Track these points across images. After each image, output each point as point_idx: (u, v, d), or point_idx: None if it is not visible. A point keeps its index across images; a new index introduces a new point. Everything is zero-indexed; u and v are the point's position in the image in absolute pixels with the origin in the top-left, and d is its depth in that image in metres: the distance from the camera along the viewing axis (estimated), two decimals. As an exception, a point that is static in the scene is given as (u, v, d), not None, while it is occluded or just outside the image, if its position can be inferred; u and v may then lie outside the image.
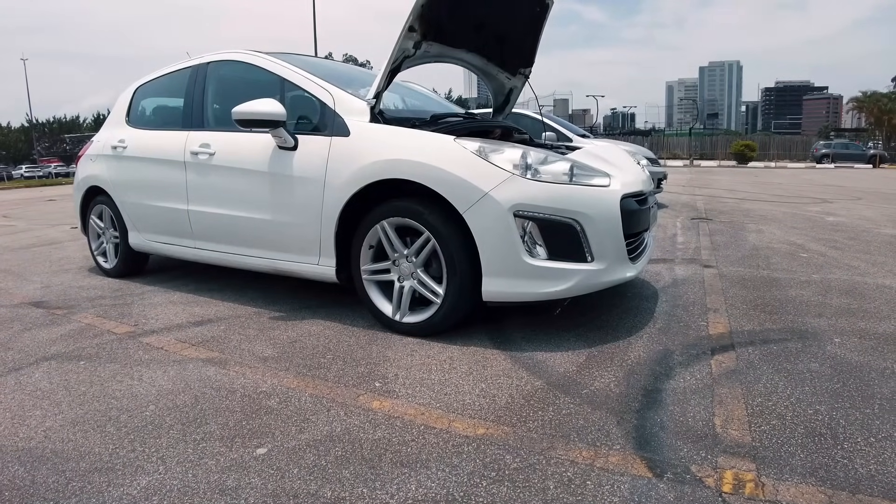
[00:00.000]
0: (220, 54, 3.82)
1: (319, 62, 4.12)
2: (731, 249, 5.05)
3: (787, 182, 16.06)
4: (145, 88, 4.47)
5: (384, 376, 2.32)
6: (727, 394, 2.13)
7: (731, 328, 2.87)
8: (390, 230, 2.74)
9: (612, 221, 2.56)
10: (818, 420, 1.93)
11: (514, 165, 2.52)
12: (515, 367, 2.39)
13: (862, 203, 9.62)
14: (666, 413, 1.98)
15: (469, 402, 2.08)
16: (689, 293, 3.55)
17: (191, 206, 3.60)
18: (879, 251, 5.01)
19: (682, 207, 8.47)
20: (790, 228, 6.36)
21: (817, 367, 2.39)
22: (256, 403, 2.12)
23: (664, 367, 2.38)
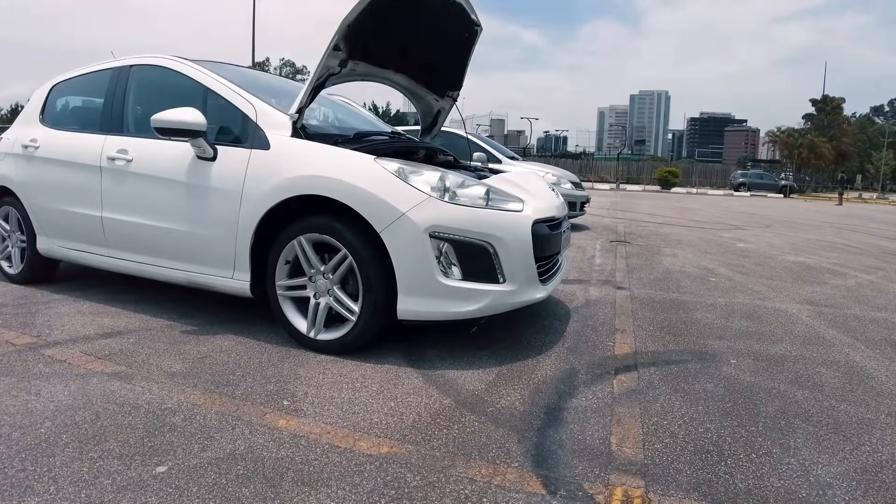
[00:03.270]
0: (143, 58, 3.72)
1: (246, 72, 4.08)
2: (645, 272, 5.30)
3: (706, 208, 16.95)
4: (63, 87, 4.28)
5: (293, 394, 2.31)
6: (625, 413, 2.24)
7: (635, 349, 3.02)
8: (308, 246, 2.73)
9: (524, 245, 2.66)
10: (707, 438, 2.06)
11: (432, 188, 2.58)
12: (426, 385, 2.43)
13: (770, 231, 10.28)
14: (565, 431, 2.06)
15: (376, 421, 2.10)
16: (600, 314, 3.70)
17: (105, 213, 3.47)
18: (781, 277, 5.38)
19: (604, 230, 8.80)
20: (703, 253, 6.72)
21: (712, 387, 2.55)
22: (160, 420, 2.06)
23: (568, 386, 2.48)
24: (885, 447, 2.06)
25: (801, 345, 3.23)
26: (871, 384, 2.68)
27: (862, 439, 2.11)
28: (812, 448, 2.02)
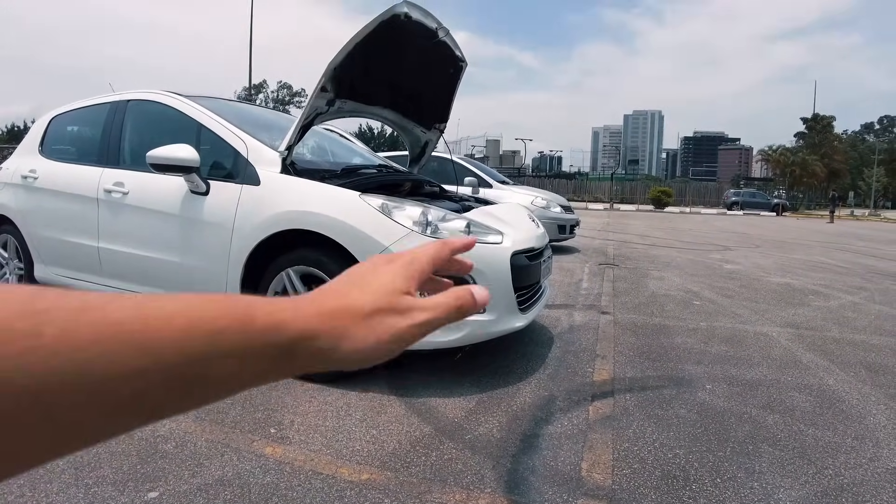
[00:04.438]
0: (140, 93, 3.85)
1: (238, 107, 4.21)
2: (631, 296, 5.40)
3: (697, 228, 17.09)
4: (62, 119, 4.41)
5: (280, 422, 2.40)
6: (598, 439, 2.33)
7: (614, 375, 3.11)
8: (295, 277, 2.84)
9: (503, 276, 2.77)
10: (675, 463, 2.15)
11: (415, 222, 2.70)
12: (409, 413, 2.52)
13: (759, 251, 10.40)
14: (539, 457, 2.15)
15: (358, 449, 2.19)
16: (582, 339, 3.79)
17: (101, 244, 3.57)
18: (765, 299, 5.48)
19: (593, 253, 8.91)
20: (689, 276, 6.83)
21: (685, 412, 2.64)
22: (153, 447, 2.15)
23: (546, 413, 2.57)
24: (848, 471, 2.15)
25: (777, 369, 3.32)
26: (841, 408, 2.77)
27: (826, 463, 2.20)
28: (776, 472, 2.11)
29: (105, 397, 0.26)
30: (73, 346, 0.25)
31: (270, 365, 0.33)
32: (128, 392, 0.27)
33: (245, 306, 0.32)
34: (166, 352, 0.28)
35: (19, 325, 0.24)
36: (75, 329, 0.25)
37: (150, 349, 0.27)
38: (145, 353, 0.27)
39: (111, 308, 0.27)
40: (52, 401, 0.24)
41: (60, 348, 0.25)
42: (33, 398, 0.24)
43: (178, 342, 0.28)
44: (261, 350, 0.32)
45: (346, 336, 0.35)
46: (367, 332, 0.36)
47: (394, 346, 0.37)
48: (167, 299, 0.30)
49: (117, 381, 0.26)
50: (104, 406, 0.26)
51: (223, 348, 0.30)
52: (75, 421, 0.26)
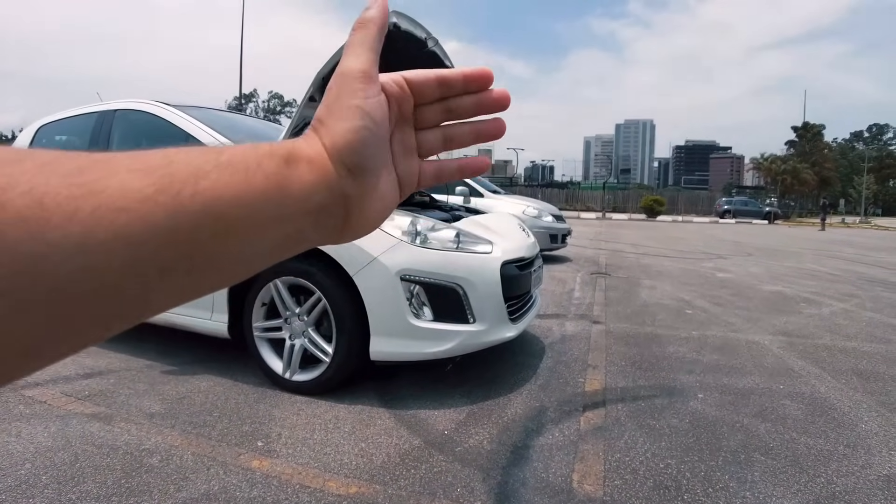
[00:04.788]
0: (127, 102, 3.83)
1: (226, 116, 4.19)
2: (623, 305, 5.39)
3: (689, 237, 17.14)
4: (49, 128, 4.38)
5: (268, 435, 2.37)
6: (590, 450, 2.31)
7: (605, 385, 3.09)
8: (283, 288, 2.81)
9: (493, 286, 2.75)
10: (667, 473, 2.13)
11: (403, 232, 2.68)
12: (398, 425, 2.49)
13: (752, 259, 10.44)
14: (529, 469, 2.13)
15: (347, 462, 2.15)
16: (574, 349, 3.77)
17: (86, 256, 3.54)
18: (757, 308, 5.48)
19: (585, 262, 8.92)
20: (682, 285, 6.83)
21: (677, 422, 2.62)
22: (138, 461, 2.11)
23: (536, 424, 2.55)
24: (840, 478, 2.13)
25: (769, 377, 3.31)
26: (833, 415, 2.77)
27: (818, 471, 2.19)
28: (768, 481, 2.09)
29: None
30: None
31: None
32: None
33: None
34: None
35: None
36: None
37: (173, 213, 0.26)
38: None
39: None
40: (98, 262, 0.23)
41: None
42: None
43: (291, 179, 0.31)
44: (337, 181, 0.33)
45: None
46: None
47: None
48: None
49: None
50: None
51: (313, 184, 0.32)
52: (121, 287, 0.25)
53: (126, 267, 0.24)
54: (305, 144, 0.33)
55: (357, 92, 0.35)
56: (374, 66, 0.36)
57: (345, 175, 0.33)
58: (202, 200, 0.27)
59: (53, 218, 0.22)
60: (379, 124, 0.35)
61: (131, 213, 0.24)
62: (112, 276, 0.24)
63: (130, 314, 0.26)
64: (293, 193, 0.31)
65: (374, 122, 0.35)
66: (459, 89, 0.40)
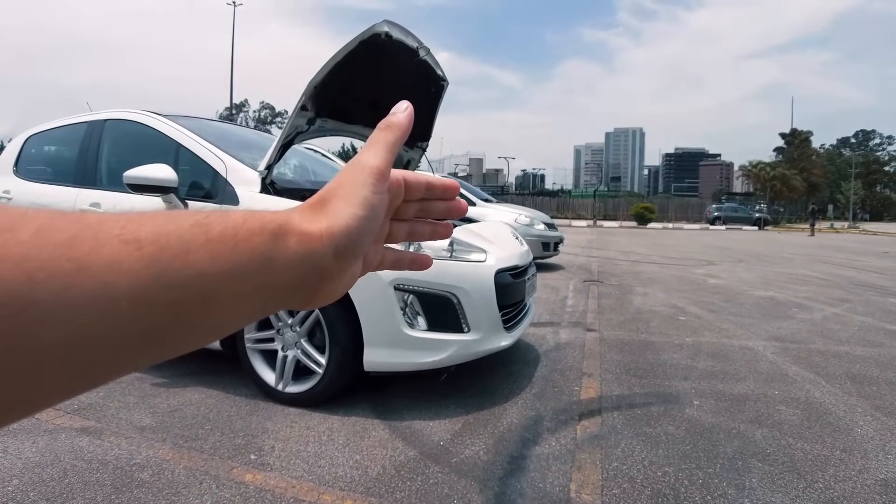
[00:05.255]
0: (117, 112, 3.80)
1: (218, 126, 4.17)
2: (616, 313, 5.39)
3: (680, 244, 17.21)
4: (38, 138, 4.33)
5: (261, 448, 2.33)
6: (587, 459, 2.29)
7: (601, 393, 3.08)
8: (276, 300, 2.78)
9: (487, 294, 2.73)
10: (665, 481, 2.12)
11: (396, 240, 2.66)
12: (393, 437, 2.46)
13: (743, 265, 10.48)
14: (527, 479, 2.11)
15: (341, 475, 2.13)
16: (568, 357, 3.76)
17: (76, 267, 3.49)
18: (749, 313, 5.49)
19: (578, 270, 8.93)
20: (674, 291, 6.85)
21: (673, 429, 2.61)
22: (128, 476, 2.08)
23: (533, 434, 2.53)
24: (838, 483, 2.13)
25: (763, 383, 3.31)
26: (829, 420, 2.76)
27: (816, 476, 2.18)
28: (766, 487, 2.08)
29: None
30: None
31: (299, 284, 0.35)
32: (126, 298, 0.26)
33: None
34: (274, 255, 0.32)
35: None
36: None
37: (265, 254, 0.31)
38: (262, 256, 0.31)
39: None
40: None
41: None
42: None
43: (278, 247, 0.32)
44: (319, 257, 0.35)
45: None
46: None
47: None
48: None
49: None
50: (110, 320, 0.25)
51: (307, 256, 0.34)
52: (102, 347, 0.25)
53: (109, 336, 0.25)
54: (300, 218, 0.35)
55: (368, 185, 0.38)
56: (389, 166, 0.40)
57: (330, 255, 0.35)
58: (189, 275, 0.28)
59: (41, 294, 0.22)
60: (378, 217, 0.39)
61: (118, 287, 0.25)
62: (94, 345, 0.25)
63: (108, 375, 0.27)
64: (277, 267, 0.32)
65: (376, 216, 0.38)
66: (437, 195, 0.46)
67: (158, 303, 0.26)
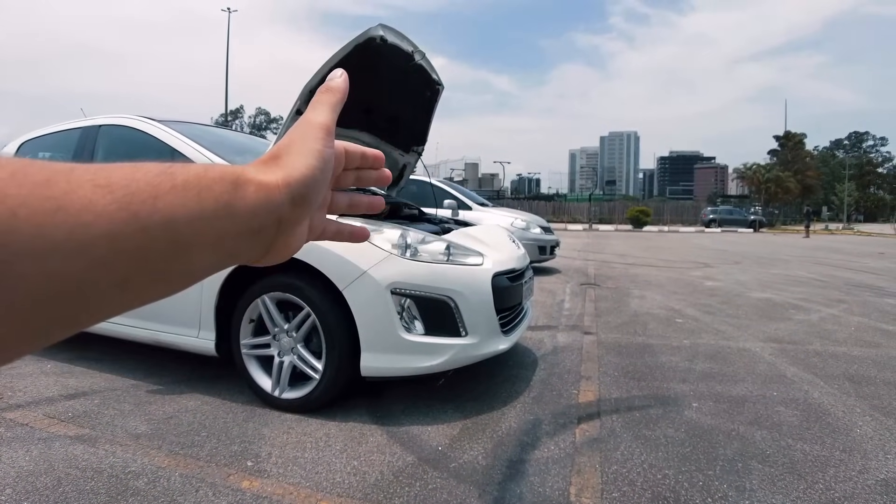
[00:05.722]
0: (112, 118, 3.79)
1: (213, 131, 4.16)
2: (613, 316, 5.38)
3: (676, 246, 17.24)
4: (32, 144, 4.32)
5: (257, 455, 2.31)
6: (586, 462, 2.27)
7: (599, 396, 3.07)
8: (271, 304, 2.77)
9: (484, 298, 2.72)
10: (665, 484, 2.11)
11: (393, 245, 2.65)
12: (390, 442, 2.45)
13: (739, 267, 10.49)
14: (526, 484, 2.09)
15: (339, 481, 2.11)
16: (566, 360, 3.75)
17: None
18: (747, 315, 5.49)
19: (574, 273, 8.92)
20: (671, 294, 6.84)
21: (672, 432, 2.60)
22: (123, 484, 2.05)
23: (531, 438, 2.51)
24: (838, 484, 2.12)
25: (762, 384, 3.30)
26: (828, 420, 2.76)
27: (816, 477, 2.17)
28: (767, 489, 2.07)
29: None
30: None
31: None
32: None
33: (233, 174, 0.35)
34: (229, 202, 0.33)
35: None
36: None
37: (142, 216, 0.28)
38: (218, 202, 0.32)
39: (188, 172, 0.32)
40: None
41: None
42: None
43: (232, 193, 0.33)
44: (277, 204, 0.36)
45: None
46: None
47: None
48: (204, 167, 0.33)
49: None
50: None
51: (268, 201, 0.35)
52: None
53: (85, 277, 0.25)
54: (255, 170, 0.36)
55: (319, 139, 0.41)
56: (333, 124, 0.43)
57: (287, 203, 0.37)
58: (159, 219, 0.28)
59: (24, 228, 0.23)
60: (328, 169, 0.42)
61: (94, 228, 0.25)
62: (72, 284, 0.25)
63: (84, 320, 0.27)
64: (238, 214, 0.34)
65: (328, 167, 0.41)
66: (370, 164, 0.50)
67: (131, 247, 0.27)
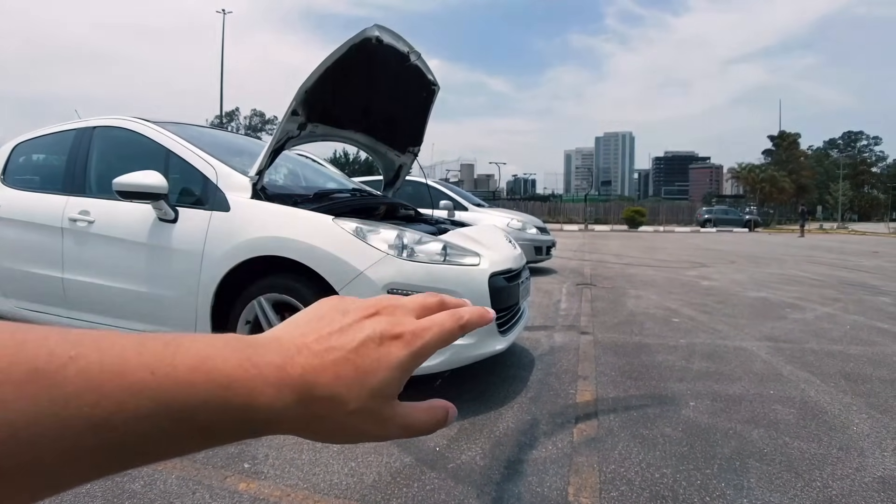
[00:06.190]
0: (106, 119, 3.76)
1: (208, 132, 4.14)
2: (610, 315, 5.38)
3: (672, 246, 17.27)
4: (25, 146, 4.28)
5: (254, 457, 2.30)
6: (584, 462, 2.27)
7: (597, 395, 3.07)
8: (267, 306, 2.76)
9: (481, 298, 2.72)
10: (663, 483, 2.11)
11: (390, 245, 2.65)
12: (388, 443, 2.44)
13: (734, 266, 10.52)
14: (524, 484, 2.09)
15: (336, 482, 2.10)
16: (563, 360, 3.75)
17: (66, 275, 3.45)
18: (742, 314, 5.51)
19: (570, 273, 8.93)
20: (667, 293, 6.85)
21: (670, 430, 2.60)
22: (119, 487, 2.04)
23: (529, 438, 2.51)
24: (836, 482, 2.12)
25: (758, 383, 3.31)
26: (825, 418, 2.76)
27: (813, 475, 2.17)
28: (765, 487, 2.07)
29: (112, 440, 0.25)
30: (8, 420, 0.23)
31: (232, 436, 0.30)
32: (132, 436, 0.26)
33: (251, 354, 0.30)
34: (127, 430, 0.26)
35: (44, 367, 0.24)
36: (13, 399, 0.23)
37: (106, 426, 0.25)
38: (99, 429, 0.25)
39: (70, 371, 0.25)
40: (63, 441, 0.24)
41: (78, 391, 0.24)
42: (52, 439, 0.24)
43: (142, 418, 0.26)
44: (231, 424, 0.29)
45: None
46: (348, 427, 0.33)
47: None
48: (170, 340, 0.29)
49: (123, 426, 0.25)
50: (110, 449, 0.26)
51: (194, 421, 0.28)
52: (79, 462, 0.25)
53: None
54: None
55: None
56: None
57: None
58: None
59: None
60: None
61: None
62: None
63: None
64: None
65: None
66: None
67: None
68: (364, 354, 0.33)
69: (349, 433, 0.33)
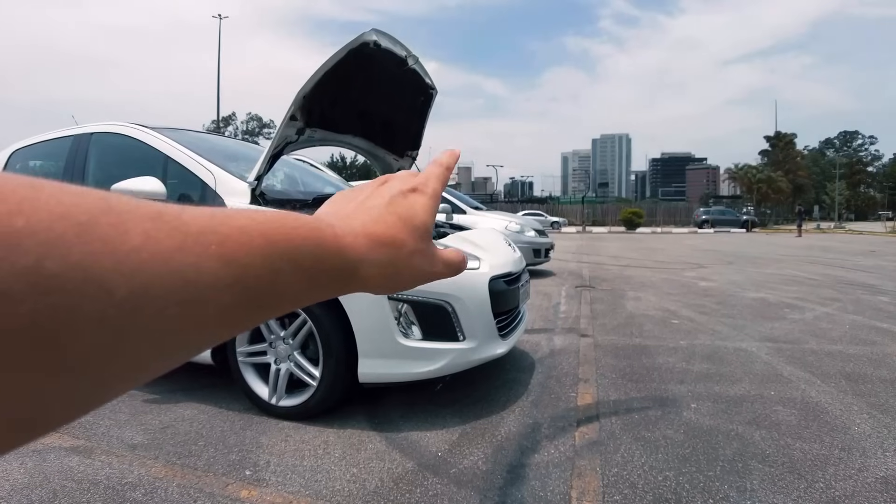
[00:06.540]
0: (104, 125, 3.75)
1: (206, 138, 4.13)
2: (609, 318, 5.38)
3: (669, 248, 17.28)
4: (23, 153, 4.27)
5: (256, 463, 2.29)
6: (586, 465, 2.27)
7: (598, 398, 3.06)
8: (268, 312, 2.75)
9: (482, 302, 2.71)
10: (666, 486, 2.10)
11: (389, 249, 2.64)
12: (389, 448, 2.43)
13: (733, 267, 10.53)
14: (527, 488, 2.08)
15: (339, 488, 2.09)
16: (563, 363, 3.74)
17: (63, 284, 3.44)
18: (742, 315, 5.50)
19: (569, 275, 8.93)
20: (665, 295, 6.85)
21: (672, 433, 2.59)
22: (120, 496, 2.03)
23: (531, 442, 2.50)
24: (838, 482, 2.12)
25: (759, 384, 3.30)
26: (826, 419, 2.76)
27: (816, 476, 2.17)
28: (768, 489, 2.07)
29: (194, 308, 0.24)
30: (159, 251, 0.22)
31: (330, 283, 0.33)
32: (213, 305, 0.25)
33: (313, 224, 0.32)
34: (251, 265, 0.27)
35: (105, 220, 0.21)
36: (157, 235, 0.23)
37: (235, 262, 0.26)
38: (230, 265, 0.26)
39: (187, 217, 0.25)
40: (147, 308, 0.22)
41: (147, 252, 0.22)
42: (131, 301, 0.21)
43: (260, 256, 0.27)
44: (329, 268, 0.32)
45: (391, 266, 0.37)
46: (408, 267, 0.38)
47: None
48: (236, 213, 0.28)
49: (206, 293, 0.24)
50: (193, 318, 0.24)
51: (299, 264, 0.30)
52: (164, 334, 0.23)
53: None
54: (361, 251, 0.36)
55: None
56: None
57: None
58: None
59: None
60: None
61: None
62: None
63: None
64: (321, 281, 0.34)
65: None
66: None
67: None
68: (397, 204, 0.39)
69: (414, 273, 0.39)
